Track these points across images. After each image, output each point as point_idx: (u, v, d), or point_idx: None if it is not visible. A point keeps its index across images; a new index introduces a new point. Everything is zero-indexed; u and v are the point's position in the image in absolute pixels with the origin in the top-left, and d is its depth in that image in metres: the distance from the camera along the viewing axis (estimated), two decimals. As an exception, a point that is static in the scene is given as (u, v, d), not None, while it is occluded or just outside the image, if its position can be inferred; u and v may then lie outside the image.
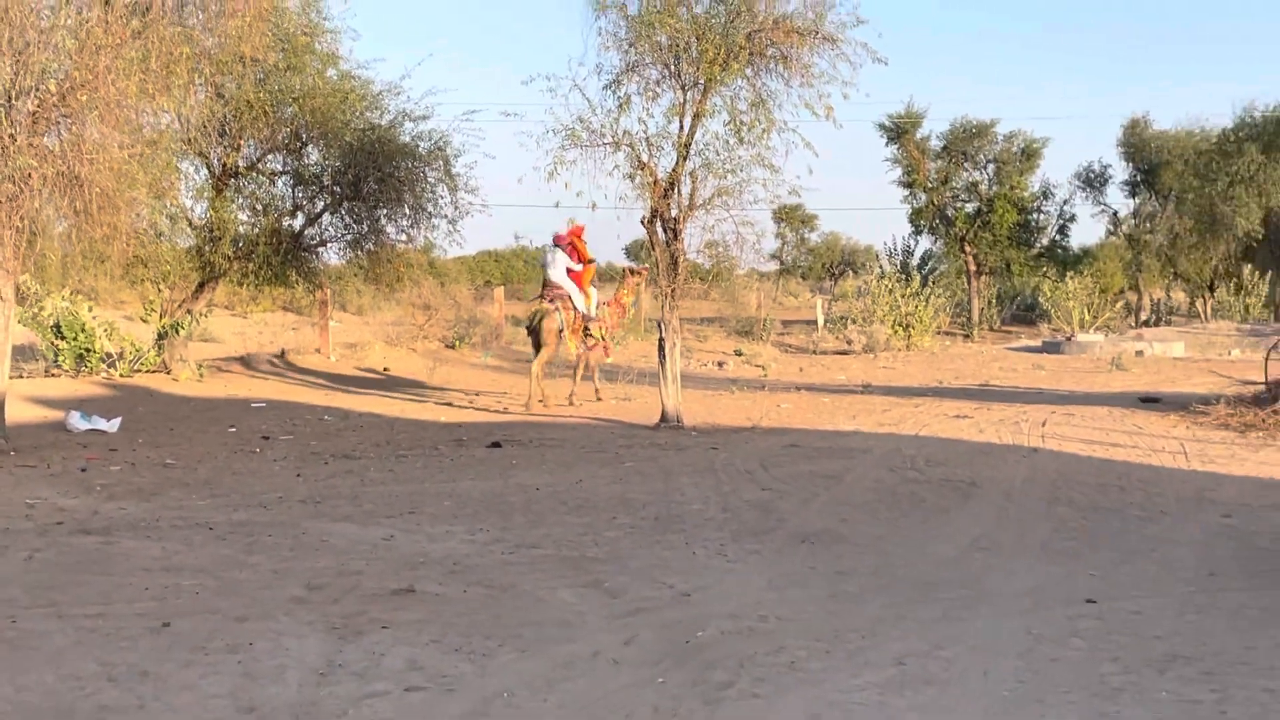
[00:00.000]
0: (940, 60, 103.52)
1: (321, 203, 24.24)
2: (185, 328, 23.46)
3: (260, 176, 24.22)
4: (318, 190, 24.10)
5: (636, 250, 53.50)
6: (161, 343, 23.22)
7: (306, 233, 24.44)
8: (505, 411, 20.71)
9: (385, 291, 27.54)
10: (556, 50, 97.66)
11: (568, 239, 21.18)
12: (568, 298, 20.98)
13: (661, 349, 18.74)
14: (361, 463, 14.88)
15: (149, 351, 23.06)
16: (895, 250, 49.30)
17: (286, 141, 23.53)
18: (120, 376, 22.08)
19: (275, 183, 24.37)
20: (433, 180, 23.72)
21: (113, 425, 17.24)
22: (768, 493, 12.73)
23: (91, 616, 7.89)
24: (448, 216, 24.01)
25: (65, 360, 22.14)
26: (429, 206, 23.83)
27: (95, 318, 22.88)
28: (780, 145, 18.11)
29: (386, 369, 27.52)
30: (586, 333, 21.43)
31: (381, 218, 23.98)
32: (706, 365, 30.74)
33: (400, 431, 17.93)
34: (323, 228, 24.54)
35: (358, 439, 17.03)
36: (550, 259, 21.36)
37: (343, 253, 24.85)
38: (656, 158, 18.38)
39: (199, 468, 14.38)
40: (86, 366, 22.17)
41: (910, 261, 47.74)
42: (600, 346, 22.03)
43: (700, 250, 19.11)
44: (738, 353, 33.86)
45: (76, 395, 19.81)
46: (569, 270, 21.09)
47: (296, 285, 25.36)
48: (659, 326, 19.24)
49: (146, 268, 21.81)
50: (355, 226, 24.26)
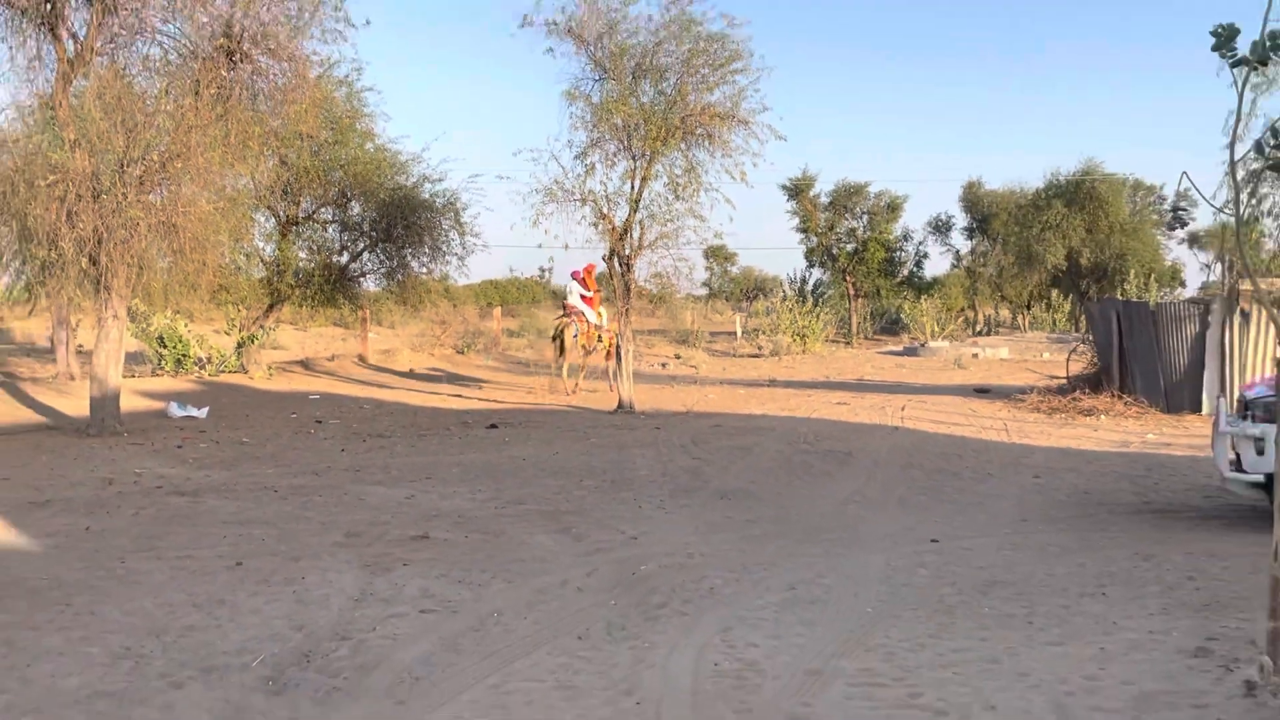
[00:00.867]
0: (827, 134, 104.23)
1: (362, 244, 24.22)
2: (258, 338, 23.43)
3: (315, 224, 24.22)
4: (359, 235, 24.11)
5: (601, 279, 53.44)
6: (240, 350, 23.12)
7: (350, 267, 24.41)
8: (498, 402, 20.66)
9: (410, 310, 27.48)
10: (541, 127, 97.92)
11: (581, 275, 22.05)
12: (582, 315, 21.64)
13: (618, 353, 18.83)
14: (391, 440, 14.81)
15: (230, 357, 22.91)
16: (794, 279, 49.59)
17: (335, 198, 23.55)
18: (208, 376, 21.90)
19: (326, 229, 24.39)
20: (446, 227, 23.81)
21: (202, 412, 17.10)
22: (697, 461, 12.76)
23: (182, 558, 7.83)
24: (457, 254, 24.23)
25: (166, 363, 21.97)
26: (443, 246, 23.96)
27: (189, 331, 22.78)
28: (707, 201, 18.30)
29: (411, 369, 27.35)
30: (597, 339, 22.06)
31: (407, 255, 24.01)
32: (653, 366, 30.70)
33: (421, 417, 17.85)
34: (363, 263, 24.53)
35: (388, 422, 16.94)
36: (569, 289, 22.22)
37: (378, 281, 24.94)
38: (614, 210, 18.47)
39: (267, 445, 14.28)
40: (182, 368, 22.00)
41: (805, 287, 47.88)
42: (603, 351, 22.39)
43: (648, 279, 19.24)
44: (677, 356, 33.83)
45: (174, 390, 19.61)
46: (582, 296, 21.97)
47: (343, 306, 25.37)
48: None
49: (228, 293, 21.81)
50: (387, 262, 24.30)
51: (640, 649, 5.78)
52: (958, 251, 49.15)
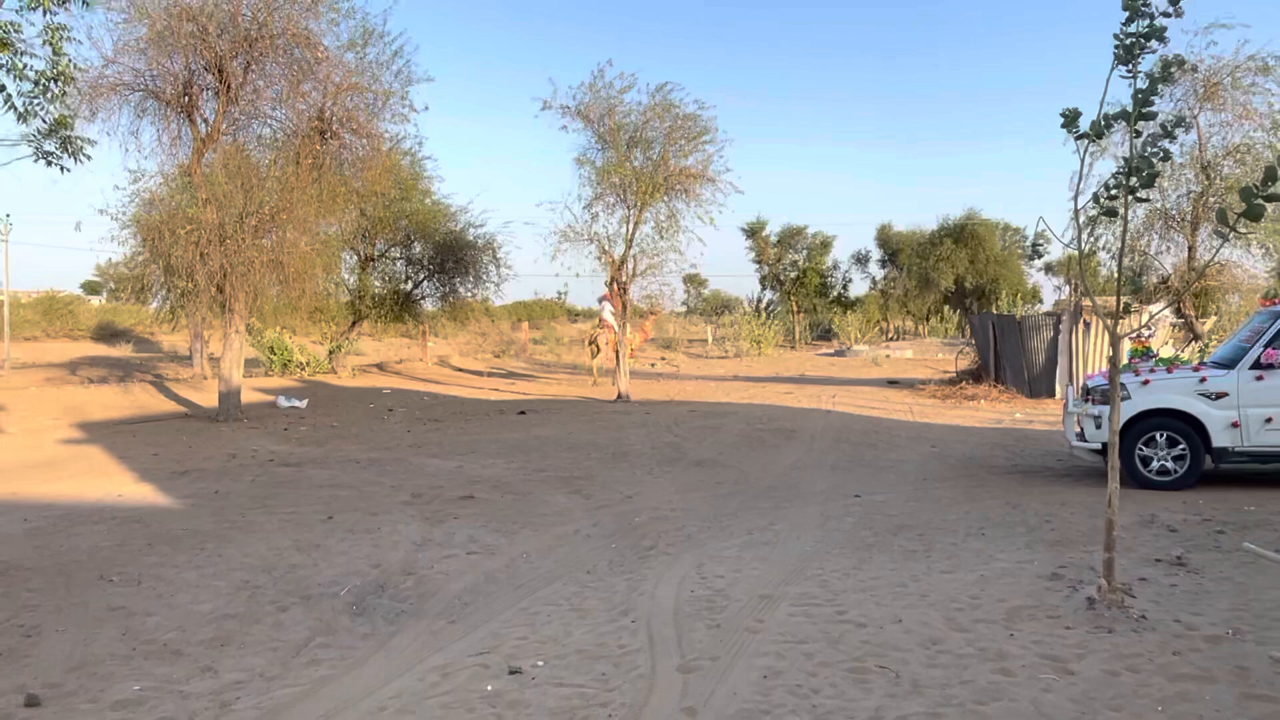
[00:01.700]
0: (776, 185, 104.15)
1: (422, 275, 24.16)
2: (344, 347, 23.41)
3: (387, 260, 24.15)
4: (420, 268, 24.06)
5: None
6: (331, 356, 23.10)
7: (413, 292, 24.33)
8: (526, 394, 20.63)
9: (459, 325, 27.39)
10: (558, 184, 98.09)
11: (609, 296, 21.39)
12: (611, 327, 21.28)
13: (618, 355, 18.81)
14: (444, 423, 14.77)
15: (323, 361, 22.87)
16: (752, 299, 49.52)
17: (402, 240, 23.52)
18: (307, 376, 21.81)
19: (395, 264, 24.33)
20: (486, 261, 23.75)
21: (303, 404, 17.05)
22: (677, 438, 12.74)
23: (288, 513, 7.81)
24: (495, 282, 24.20)
25: (275, 367, 21.92)
26: (484, 276, 23.92)
27: (293, 342, 22.75)
28: (684, 240, 18.45)
29: (460, 369, 27.29)
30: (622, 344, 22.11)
31: (457, 283, 23.98)
32: (645, 366, 30.70)
33: (467, 405, 17.81)
34: (423, 289, 24.45)
35: (443, 410, 16.90)
36: (603, 307, 21.73)
37: (434, 303, 24.84)
38: (613, 247, 18.46)
39: (351, 427, 14.24)
40: (287, 370, 21.94)
41: (760, 305, 47.81)
42: (629, 355, 22.44)
43: (641, 299, 19.28)
44: (663, 358, 33.75)
45: (281, 387, 19.54)
46: (614, 313, 21.49)
47: (408, 322, 25.31)
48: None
49: (322, 313, 21.73)
50: (441, 288, 24.24)
51: (634, 580, 5.78)
52: (874, 277, 49.21)
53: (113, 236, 26.45)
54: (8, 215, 31.74)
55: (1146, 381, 8.48)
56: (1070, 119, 4.73)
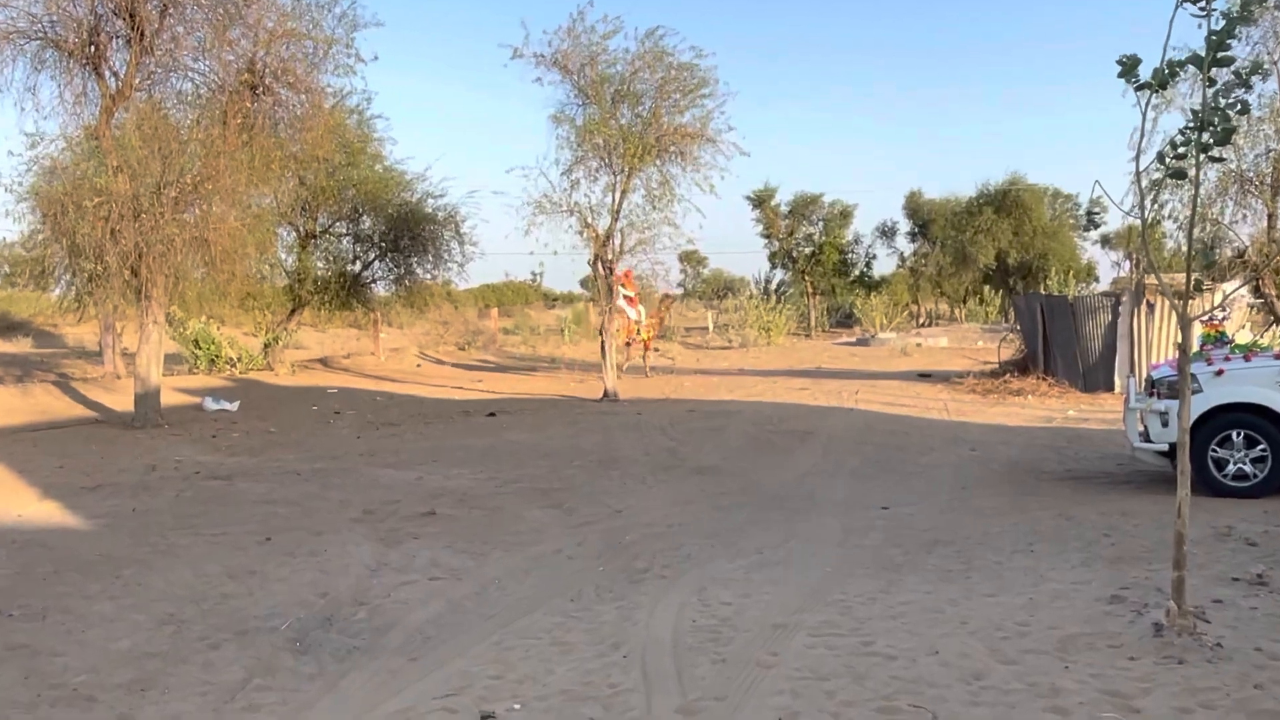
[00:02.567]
0: (786, 147, 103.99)
1: (372, 254, 24.09)
2: (282, 339, 23.38)
3: (331, 237, 24.09)
4: (370, 246, 23.98)
5: (588, 282, 53.43)
6: (266, 350, 23.06)
7: (362, 274, 24.27)
8: (496, 392, 20.61)
9: (417, 312, 27.32)
10: (530, 147, 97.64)
11: (621, 279, 21.18)
12: (623, 312, 21.65)
13: (603, 347, 18.78)
14: (401, 428, 14.76)
15: (258, 356, 22.82)
16: (759, 279, 49.53)
17: (348, 213, 23.43)
18: (238, 373, 21.75)
19: (341, 241, 24.25)
20: (447, 237, 23.63)
21: (233, 406, 17.00)
22: (674, 442, 12.76)
23: (217, 534, 7.79)
24: (458, 261, 24.02)
25: (201, 363, 21.85)
26: (445, 255, 23.77)
27: (221, 334, 22.70)
28: (680, 211, 18.38)
29: (419, 365, 27.26)
30: (636, 333, 23.06)
31: (413, 263, 23.88)
32: (633, 358, 30.68)
33: (428, 407, 17.79)
34: (373, 271, 24.38)
35: (399, 412, 16.88)
36: (615, 291, 21.58)
37: (387, 287, 24.77)
38: (597, 220, 18.47)
39: (291, 433, 14.21)
40: (215, 367, 21.88)
41: (769, 287, 47.87)
42: (642, 344, 23.78)
43: (622, 279, 19.26)
44: (655, 349, 33.74)
45: (208, 386, 19.48)
46: (625, 297, 21.80)
47: (357, 309, 25.23)
48: (600, 332, 19.42)
49: (255, 300, 21.76)
50: (395, 269, 24.15)
51: (626, 608, 5.79)
52: (902, 253, 49.22)
53: (6, 212, 26.34)
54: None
55: (1221, 371, 8.52)
56: (1129, 67, 4.73)
